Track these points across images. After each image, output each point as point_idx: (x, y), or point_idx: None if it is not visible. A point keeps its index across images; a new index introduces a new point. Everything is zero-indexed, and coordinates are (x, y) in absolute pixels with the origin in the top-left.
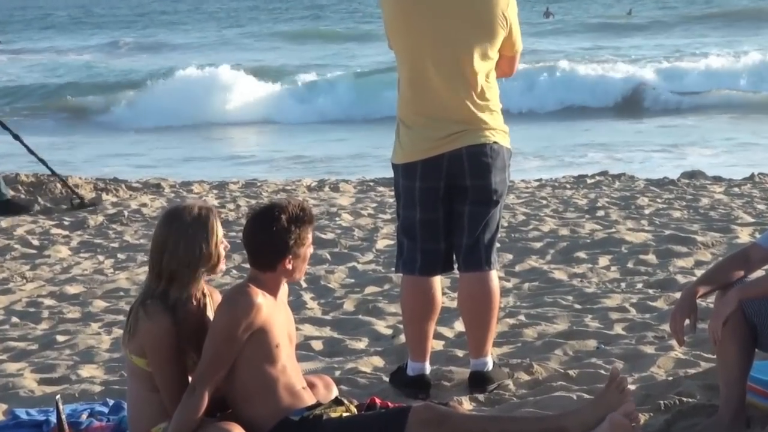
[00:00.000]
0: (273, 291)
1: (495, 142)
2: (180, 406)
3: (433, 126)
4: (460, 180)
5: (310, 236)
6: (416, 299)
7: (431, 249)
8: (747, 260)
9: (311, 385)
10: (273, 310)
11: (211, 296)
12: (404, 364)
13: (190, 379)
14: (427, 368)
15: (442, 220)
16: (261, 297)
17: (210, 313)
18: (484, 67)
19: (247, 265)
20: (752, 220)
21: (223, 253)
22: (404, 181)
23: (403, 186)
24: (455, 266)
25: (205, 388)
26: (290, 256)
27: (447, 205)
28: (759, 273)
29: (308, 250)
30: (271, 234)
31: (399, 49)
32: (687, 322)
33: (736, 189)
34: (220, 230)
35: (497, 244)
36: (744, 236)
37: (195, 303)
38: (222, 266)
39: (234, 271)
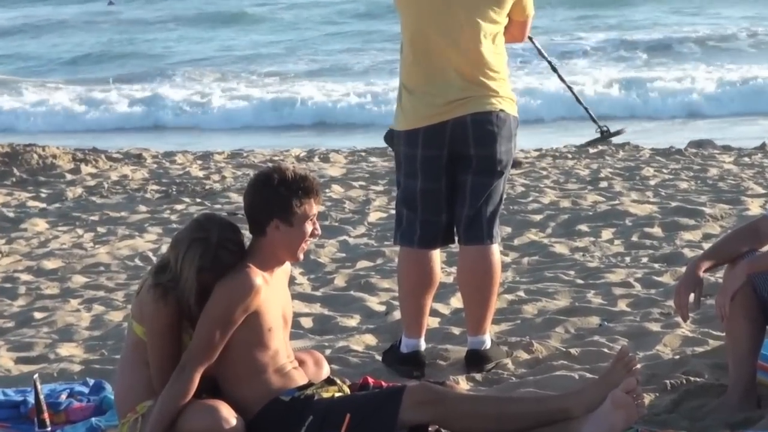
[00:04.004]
0: (270, 266)
1: (501, 110)
2: (168, 386)
3: (436, 91)
4: (463, 148)
5: (308, 209)
6: (414, 272)
7: (431, 221)
8: (757, 233)
9: (301, 362)
10: (270, 292)
11: None
12: (397, 341)
13: None
14: (422, 345)
15: (443, 190)
16: (260, 278)
17: None
18: (490, 31)
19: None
20: (763, 191)
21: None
22: (405, 149)
23: (404, 154)
24: (455, 240)
25: (196, 369)
26: (278, 220)
27: (449, 174)
28: None
29: (306, 225)
30: (261, 193)
31: (403, 9)
32: (692, 297)
33: (746, 159)
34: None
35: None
36: (754, 208)
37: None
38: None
39: None
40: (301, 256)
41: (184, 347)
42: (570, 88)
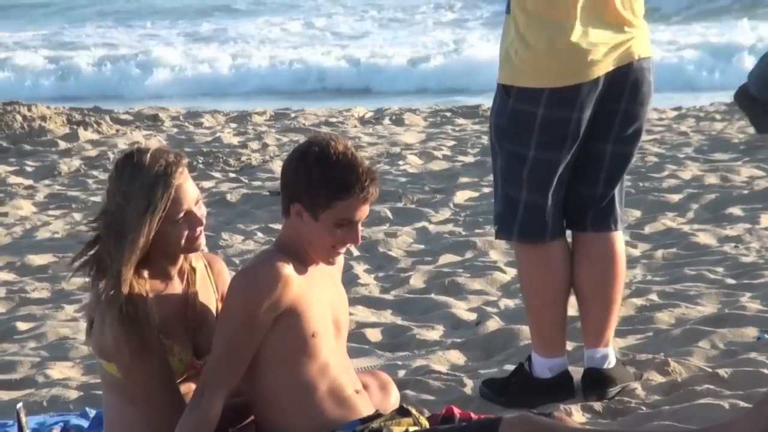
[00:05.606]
0: (303, 257)
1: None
2: (183, 420)
3: (601, 25)
4: (610, 103)
5: (344, 210)
6: (558, 274)
7: (558, 201)
8: None
9: (363, 386)
10: (308, 286)
11: (209, 267)
12: (524, 364)
13: (180, 384)
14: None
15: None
16: (289, 268)
17: (206, 289)
18: None
19: (277, 227)
20: None
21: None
22: (552, 112)
23: (546, 118)
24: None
25: (217, 393)
26: (300, 205)
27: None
28: None
29: (336, 228)
30: (292, 165)
31: None
32: None
33: None
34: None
35: None
36: None
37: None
38: (196, 242)
39: (259, 234)
40: (334, 261)
41: (175, 372)
42: None
